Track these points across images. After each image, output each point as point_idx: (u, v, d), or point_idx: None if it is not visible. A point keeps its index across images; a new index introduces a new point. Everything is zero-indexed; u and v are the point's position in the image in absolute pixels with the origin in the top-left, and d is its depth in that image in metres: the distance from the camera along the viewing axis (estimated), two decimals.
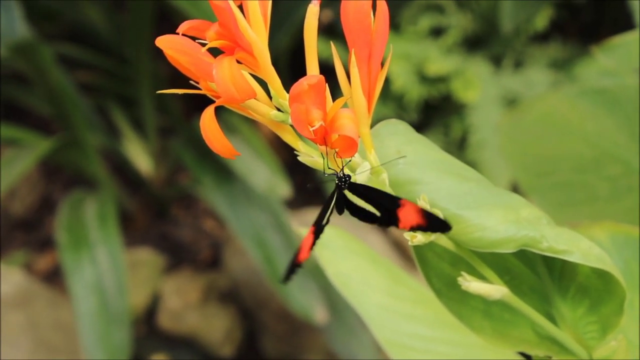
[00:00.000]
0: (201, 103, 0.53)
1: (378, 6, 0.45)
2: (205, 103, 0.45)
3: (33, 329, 1.56)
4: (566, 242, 0.48)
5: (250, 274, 1.67)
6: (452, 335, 0.71)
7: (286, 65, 1.93)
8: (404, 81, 1.80)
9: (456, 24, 1.90)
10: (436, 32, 1.92)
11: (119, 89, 1.87)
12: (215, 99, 0.45)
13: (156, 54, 1.64)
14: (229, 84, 0.42)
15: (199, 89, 0.46)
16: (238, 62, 0.43)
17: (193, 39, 0.45)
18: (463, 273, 0.50)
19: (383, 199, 0.46)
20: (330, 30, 1.94)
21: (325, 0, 0.53)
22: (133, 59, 1.73)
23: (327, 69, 0.52)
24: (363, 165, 0.46)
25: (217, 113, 0.44)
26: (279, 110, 0.46)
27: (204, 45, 0.44)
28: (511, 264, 0.54)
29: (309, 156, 0.46)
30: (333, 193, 0.46)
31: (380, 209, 0.45)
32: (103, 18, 1.85)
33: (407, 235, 0.47)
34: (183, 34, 0.45)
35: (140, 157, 1.83)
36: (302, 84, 0.42)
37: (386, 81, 1.77)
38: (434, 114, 1.89)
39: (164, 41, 0.45)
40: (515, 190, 0.77)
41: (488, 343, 0.54)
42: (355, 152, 0.44)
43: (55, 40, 1.86)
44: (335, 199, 0.46)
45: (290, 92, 0.43)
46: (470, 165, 0.51)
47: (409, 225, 0.45)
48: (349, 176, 0.46)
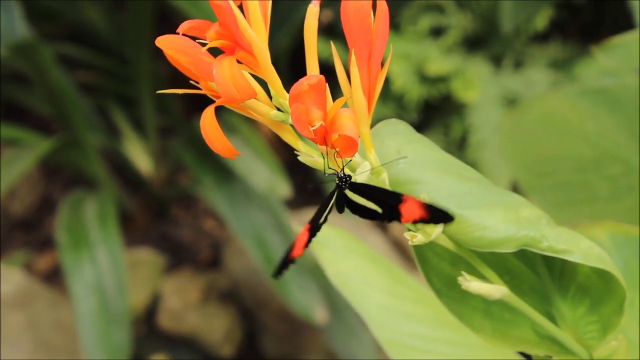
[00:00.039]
0: (201, 103, 0.53)
1: (378, 6, 0.45)
2: (205, 103, 0.45)
3: (33, 329, 1.56)
4: (566, 242, 0.48)
5: (250, 274, 1.67)
6: (452, 335, 0.71)
7: (286, 65, 1.93)
8: (404, 81, 1.80)
9: (456, 24, 1.90)
10: (436, 32, 1.92)
11: (119, 89, 1.87)
12: (215, 99, 0.45)
13: (156, 54, 1.64)
14: (229, 83, 0.42)
15: (199, 89, 0.46)
16: (238, 62, 0.43)
17: (193, 39, 0.45)
18: (463, 273, 0.50)
19: (385, 196, 0.46)
20: (330, 30, 1.94)
21: (325, 0, 0.53)
22: (133, 59, 1.73)
23: (327, 69, 0.52)
24: (363, 165, 0.46)
25: (217, 113, 0.44)
26: (279, 110, 0.46)
27: (204, 45, 0.44)
28: (511, 263, 0.54)
29: (309, 156, 0.46)
30: (332, 192, 0.46)
31: (382, 206, 0.45)
32: (103, 18, 1.85)
33: (407, 235, 0.47)
34: (183, 34, 0.45)
35: (140, 157, 1.83)
36: (303, 83, 0.42)
37: (386, 81, 1.77)
38: (434, 114, 1.89)
39: (164, 41, 0.45)
40: (515, 190, 0.77)
41: (488, 343, 0.54)
42: (355, 152, 0.44)
43: (55, 40, 1.86)
44: (335, 198, 0.46)
45: (290, 92, 0.43)
46: (470, 165, 0.51)
47: (412, 219, 0.45)
48: (350, 176, 0.46)
